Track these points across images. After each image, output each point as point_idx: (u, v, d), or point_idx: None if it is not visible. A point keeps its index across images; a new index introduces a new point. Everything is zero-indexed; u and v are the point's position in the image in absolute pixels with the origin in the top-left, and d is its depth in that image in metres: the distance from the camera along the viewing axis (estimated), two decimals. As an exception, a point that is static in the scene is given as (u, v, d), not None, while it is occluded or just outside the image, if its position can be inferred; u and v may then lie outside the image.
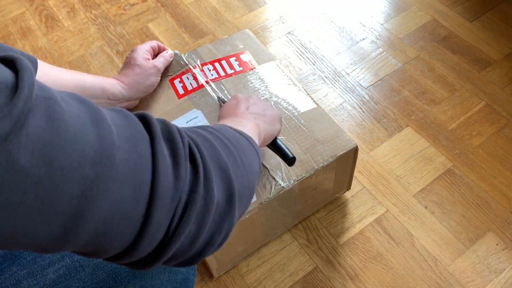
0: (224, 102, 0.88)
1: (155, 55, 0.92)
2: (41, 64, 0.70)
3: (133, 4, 1.46)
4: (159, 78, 0.89)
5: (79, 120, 0.30)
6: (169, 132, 0.38)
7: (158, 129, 0.36)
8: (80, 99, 0.33)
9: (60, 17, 1.44)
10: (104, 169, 0.31)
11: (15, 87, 0.27)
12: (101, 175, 0.30)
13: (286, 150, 0.74)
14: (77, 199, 0.29)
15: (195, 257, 0.41)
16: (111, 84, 0.80)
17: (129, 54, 0.87)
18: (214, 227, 0.40)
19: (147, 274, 0.56)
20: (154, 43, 0.91)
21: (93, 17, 1.44)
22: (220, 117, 0.71)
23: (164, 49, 0.93)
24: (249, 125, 0.61)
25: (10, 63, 0.29)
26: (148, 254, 0.37)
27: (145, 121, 0.37)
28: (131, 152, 0.33)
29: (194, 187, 0.37)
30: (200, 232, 0.38)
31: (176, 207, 0.36)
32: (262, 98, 0.89)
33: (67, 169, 0.29)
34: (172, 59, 0.94)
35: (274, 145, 0.74)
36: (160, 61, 0.88)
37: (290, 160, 0.74)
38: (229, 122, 0.62)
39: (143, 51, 0.86)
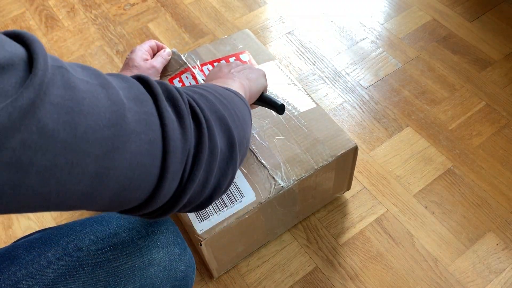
0: None
1: (154, 54, 0.92)
2: None
3: (133, 4, 1.46)
4: (158, 78, 0.89)
5: (90, 86, 0.32)
6: (169, 91, 0.40)
7: (159, 89, 0.39)
8: (83, 66, 0.35)
9: (60, 17, 1.44)
10: (120, 129, 0.33)
11: (30, 59, 0.29)
12: (118, 134, 0.33)
13: (273, 99, 0.74)
14: (101, 158, 0.32)
15: (206, 201, 0.45)
16: None
17: (128, 55, 0.87)
18: (220, 172, 0.44)
19: (147, 273, 0.56)
20: (152, 42, 0.91)
21: (93, 17, 1.44)
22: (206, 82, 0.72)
23: (162, 48, 0.93)
24: (235, 84, 0.64)
25: (17, 37, 0.31)
26: (164, 203, 0.40)
27: (144, 82, 0.39)
28: (140, 112, 0.35)
29: (199, 139, 0.40)
30: (209, 178, 0.42)
31: (186, 157, 0.39)
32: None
33: (89, 132, 0.31)
34: (170, 57, 0.94)
35: (261, 99, 0.75)
36: (159, 61, 0.89)
37: (279, 108, 0.74)
38: (214, 81, 0.64)
39: (141, 52, 0.87)
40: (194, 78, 0.92)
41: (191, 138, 0.39)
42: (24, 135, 0.27)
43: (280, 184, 0.78)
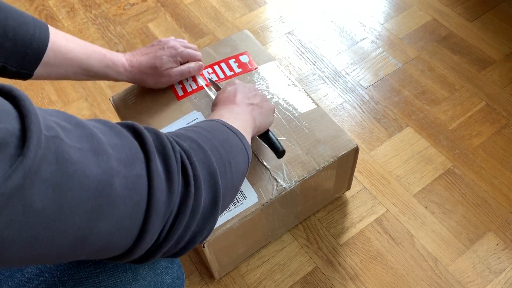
0: (218, 87, 0.88)
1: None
2: (54, 35, 0.70)
3: (133, 4, 1.46)
4: (168, 84, 0.89)
5: (82, 153, 0.32)
6: (162, 146, 0.40)
7: (152, 145, 0.38)
8: (75, 122, 0.34)
9: (60, 17, 1.44)
10: (105, 198, 0.33)
11: (24, 133, 0.28)
12: (102, 204, 0.33)
13: (277, 142, 0.75)
14: (83, 228, 0.32)
15: (178, 253, 0.44)
16: (117, 72, 0.80)
17: (165, 44, 0.84)
18: (197, 229, 0.43)
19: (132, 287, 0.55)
20: (190, 51, 0.87)
21: (93, 17, 1.44)
22: (216, 103, 0.70)
23: (194, 59, 0.89)
24: (246, 117, 0.62)
25: (9, 97, 0.29)
26: (137, 257, 0.40)
27: (138, 135, 0.39)
28: (128, 176, 0.35)
29: (184, 200, 0.40)
30: (185, 234, 0.42)
31: (167, 218, 0.39)
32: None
33: (74, 204, 0.31)
34: (194, 72, 0.89)
35: (265, 137, 0.75)
36: (177, 72, 0.86)
37: (279, 153, 0.75)
38: (226, 112, 0.62)
39: (173, 59, 0.84)
40: (195, 80, 0.92)
41: (176, 199, 0.39)
42: (9, 214, 0.27)
43: (282, 185, 0.79)
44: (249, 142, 0.59)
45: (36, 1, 1.49)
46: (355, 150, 0.84)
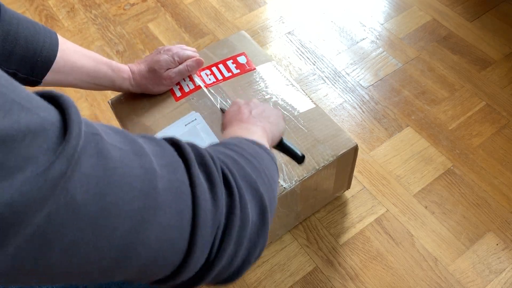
0: (224, 111, 0.86)
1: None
2: (63, 44, 0.72)
3: (133, 4, 1.46)
4: (170, 87, 0.90)
5: (123, 153, 0.31)
6: (201, 157, 0.38)
7: (191, 155, 0.37)
8: (116, 130, 0.33)
9: (60, 17, 1.44)
10: (151, 200, 0.31)
11: (65, 126, 0.27)
12: (148, 206, 0.31)
13: (294, 149, 0.73)
14: (128, 232, 0.30)
15: (233, 275, 0.41)
16: (122, 78, 0.82)
17: (161, 49, 0.86)
18: (250, 245, 0.40)
19: None
20: (189, 52, 0.89)
21: (93, 17, 1.44)
22: (225, 125, 0.70)
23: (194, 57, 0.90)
24: (258, 130, 0.61)
25: (52, 99, 0.29)
26: (189, 277, 0.37)
27: (177, 146, 0.38)
28: (172, 180, 0.34)
29: (231, 209, 0.38)
30: (238, 251, 0.39)
31: (216, 230, 0.37)
32: (261, 100, 0.89)
33: (119, 203, 0.29)
34: (193, 69, 0.90)
35: (281, 146, 0.73)
36: (176, 72, 0.87)
37: (299, 159, 0.73)
38: (238, 131, 0.62)
39: (170, 59, 0.85)
40: (192, 80, 0.91)
41: (222, 208, 0.37)
42: (51, 209, 0.25)
43: (282, 185, 0.78)
44: None
45: (36, 1, 1.49)
46: (355, 149, 0.84)
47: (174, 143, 0.38)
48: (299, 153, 0.73)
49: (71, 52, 0.73)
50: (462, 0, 1.38)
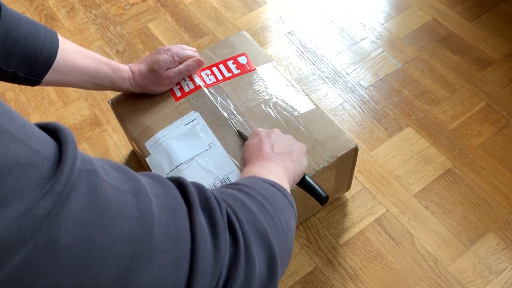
0: (244, 137, 0.82)
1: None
2: (63, 44, 0.72)
3: (133, 4, 1.46)
4: (170, 86, 0.89)
5: (120, 193, 0.29)
6: (206, 199, 0.36)
7: (195, 198, 0.35)
8: (118, 167, 0.31)
9: (60, 17, 1.44)
10: (144, 246, 0.29)
11: (59, 160, 0.26)
12: (140, 253, 0.29)
13: (317, 187, 0.69)
14: (116, 279, 0.28)
15: None
16: (122, 78, 0.83)
17: (161, 49, 0.86)
18: None
19: None
20: (189, 52, 0.88)
21: (93, 17, 1.44)
22: (245, 161, 0.67)
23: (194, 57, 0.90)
24: (279, 170, 0.58)
25: (52, 131, 0.28)
26: None
27: (182, 187, 0.36)
28: (170, 225, 0.32)
29: (234, 260, 0.35)
30: None
31: (217, 282, 0.34)
32: (261, 100, 0.89)
33: (107, 247, 0.27)
34: (193, 69, 0.89)
35: (304, 184, 0.69)
36: (176, 72, 0.87)
37: (323, 200, 0.69)
38: (258, 169, 0.59)
39: (169, 59, 0.85)
40: (192, 80, 0.91)
41: (225, 258, 0.34)
42: (31, 250, 0.23)
43: None
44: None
45: (36, 1, 1.49)
46: (355, 150, 0.84)
47: (180, 183, 0.36)
48: (322, 193, 0.68)
49: (71, 52, 0.73)
50: (462, 0, 1.38)
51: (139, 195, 0.30)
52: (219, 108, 0.87)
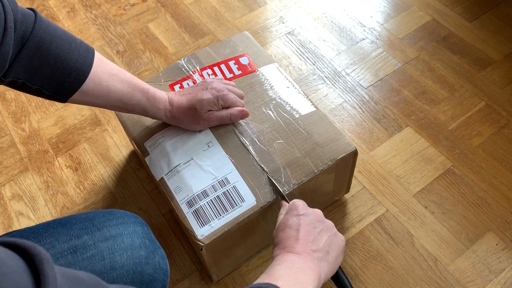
0: (286, 198, 0.76)
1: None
2: (98, 66, 0.67)
3: (133, 4, 1.46)
4: (206, 128, 0.84)
5: None
6: None
7: None
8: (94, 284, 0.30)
9: (60, 17, 1.44)
10: None
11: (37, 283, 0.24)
12: None
13: (348, 285, 0.65)
14: None
15: None
16: (157, 109, 0.77)
17: (207, 85, 0.80)
18: None
19: (108, 277, 0.53)
20: (231, 97, 0.82)
21: (93, 17, 1.44)
22: (277, 242, 0.62)
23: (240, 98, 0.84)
24: (311, 275, 0.54)
25: (27, 255, 0.26)
26: None
27: None
28: None
29: None
30: None
31: None
32: (261, 102, 0.89)
33: None
34: (236, 119, 0.84)
35: (335, 279, 0.65)
36: (218, 117, 0.81)
37: None
38: (284, 269, 0.55)
39: (214, 101, 0.79)
40: (194, 83, 0.92)
41: None
42: None
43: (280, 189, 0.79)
44: None
45: (36, 1, 1.49)
46: (354, 153, 0.84)
47: None
48: None
49: (105, 75, 0.69)
50: (462, 0, 1.38)
51: None
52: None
